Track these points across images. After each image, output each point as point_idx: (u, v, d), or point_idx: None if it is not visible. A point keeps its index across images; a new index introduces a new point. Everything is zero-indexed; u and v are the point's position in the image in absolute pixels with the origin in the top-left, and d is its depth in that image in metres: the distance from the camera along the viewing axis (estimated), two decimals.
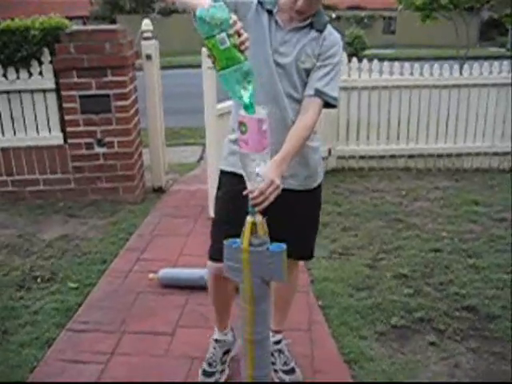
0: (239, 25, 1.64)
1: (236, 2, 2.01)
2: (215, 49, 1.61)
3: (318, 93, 2.01)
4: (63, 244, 4.00)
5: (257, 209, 1.71)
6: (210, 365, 2.46)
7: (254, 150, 1.65)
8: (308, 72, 2.04)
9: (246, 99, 1.65)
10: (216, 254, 2.06)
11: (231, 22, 1.62)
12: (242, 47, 1.63)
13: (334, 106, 2.08)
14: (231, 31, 1.60)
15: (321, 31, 2.04)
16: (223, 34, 1.60)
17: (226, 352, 2.52)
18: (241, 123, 1.65)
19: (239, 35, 1.63)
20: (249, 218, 1.71)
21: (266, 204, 1.72)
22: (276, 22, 2.03)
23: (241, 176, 1.76)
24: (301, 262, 2.63)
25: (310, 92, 2.02)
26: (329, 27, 2.06)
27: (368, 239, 4.03)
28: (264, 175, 1.71)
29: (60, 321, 2.97)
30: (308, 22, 2.03)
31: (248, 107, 1.66)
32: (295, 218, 2.21)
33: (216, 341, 2.52)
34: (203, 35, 1.62)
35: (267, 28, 2.02)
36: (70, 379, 2.50)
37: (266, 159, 1.68)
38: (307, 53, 2.02)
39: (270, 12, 2.03)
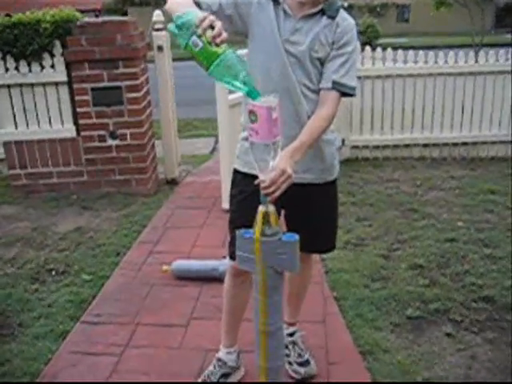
0: (208, 19, 1.59)
1: (235, 2, 1.95)
2: (194, 53, 1.62)
3: (336, 85, 1.94)
4: (77, 236, 4.01)
5: (268, 198, 1.68)
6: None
7: (265, 138, 1.62)
8: (321, 61, 1.96)
9: (244, 87, 1.62)
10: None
11: (197, 21, 1.59)
12: (218, 40, 1.58)
13: (352, 95, 2.01)
14: (200, 30, 1.59)
15: (333, 17, 1.94)
16: (193, 37, 1.60)
17: (225, 375, 2.36)
18: (250, 112, 1.62)
19: (213, 29, 1.60)
20: (261, 208, 1.69)
21: (277, 194, 1.67)
22: (284, 11, 1.95)
23: (254, 176, 1.72)
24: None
25: (327, 84, 1.94)
26: (342, 13, 1.97)
27: (383, 229, 3.99)
28: (276, 164, 1.67)
29: (74, 313, 2.98)
30: (319, 8, 1.94)
31: (250, 94, 1.63)
32: (315, 211, 2.17)
33: (218, 360, 2.39)
34: (182, 47, 1.64)
35: (274, 18, 1.94)
36: (85, 371, 2.50)
37: (277, 148, 1.65)
38: (321, 41, 1.94)
39: (276, 2, 1.95)
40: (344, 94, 1.97)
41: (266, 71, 1.96)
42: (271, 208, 1.69)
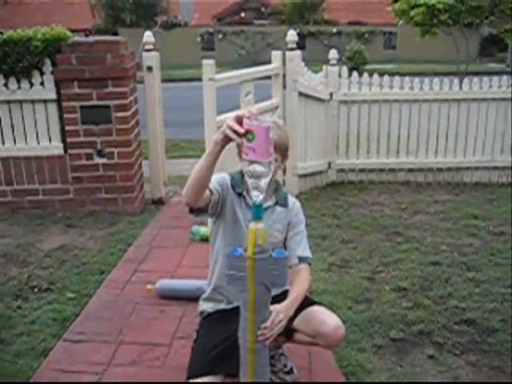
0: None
1: (222, 188, 2.14)
2: None
3: (301, 259, 2.24)
4: (61, 254, 3.99)
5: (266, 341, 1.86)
6: None
7: (261, 156, 1.64)
8: (281, 243, 2.26)
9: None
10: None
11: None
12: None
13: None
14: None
15: (285, 205, 2.28)
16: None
17: None
18: (248, 131, 1.64)
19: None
20: (252, 225, 1.71)
21: (271, 339, 1.87)
22: (246, 202, 2.18)
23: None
24: None
25: (295, 261, 2.23)
26: (289, 198, 2.32)
27: (367, 252, 4.02)
28: (274, 309, 1.89)
29: (57, 331, 2.95)
30: (274, 200, 2.25)
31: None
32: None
33: None
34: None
35: (239, 211, 2.19)
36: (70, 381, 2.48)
37: (271, 166, 1.68)
38: (278, 229, 2.24)
39: (240, 195, 2.20)
40: None
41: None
42: (261, 225, 1.71)
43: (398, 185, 5.80)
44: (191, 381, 2.08)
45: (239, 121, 1.69)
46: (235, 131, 1.69)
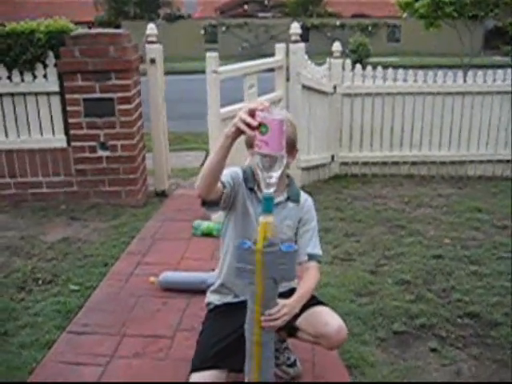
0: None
1: (234, 182, 2.13)
2: None
3: (311, 257, 2.23)
4: (65, 246, 4.00)
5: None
6: None
7: (275, 149, 1.63)
8: (292, 239, 2.22)
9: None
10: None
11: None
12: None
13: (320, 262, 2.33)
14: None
15: (297, 201, 2.25)
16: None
17: None
18: (261, 124, 1.63)
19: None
20: (261, 219, 1.70)
21: (275, 325, 1.85)
22: (257, 197, 2.16)
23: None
24: None
25: (304, 258, 2.21)
26: (302, 195, 2.29)
27: (370, 245, 4.02)
28: (279, 302, 1.87)
29: (60, 323, 2.96)
30: (285, 196, 2.22)
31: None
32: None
33: None
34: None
35: (250, 205, 2.18)
36: (69, 382, 2.49)
37: (283, 159, 1.68)
38: (288, 225, 2.22)
39: (251, 190, 2.19)
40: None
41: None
42: (270, 218, 1.70)
43: (402, 178, 5.79)
44: (196, 380, 2.08)
45: (251, 113, 1.68)
46: (248, 124, 1.68)
